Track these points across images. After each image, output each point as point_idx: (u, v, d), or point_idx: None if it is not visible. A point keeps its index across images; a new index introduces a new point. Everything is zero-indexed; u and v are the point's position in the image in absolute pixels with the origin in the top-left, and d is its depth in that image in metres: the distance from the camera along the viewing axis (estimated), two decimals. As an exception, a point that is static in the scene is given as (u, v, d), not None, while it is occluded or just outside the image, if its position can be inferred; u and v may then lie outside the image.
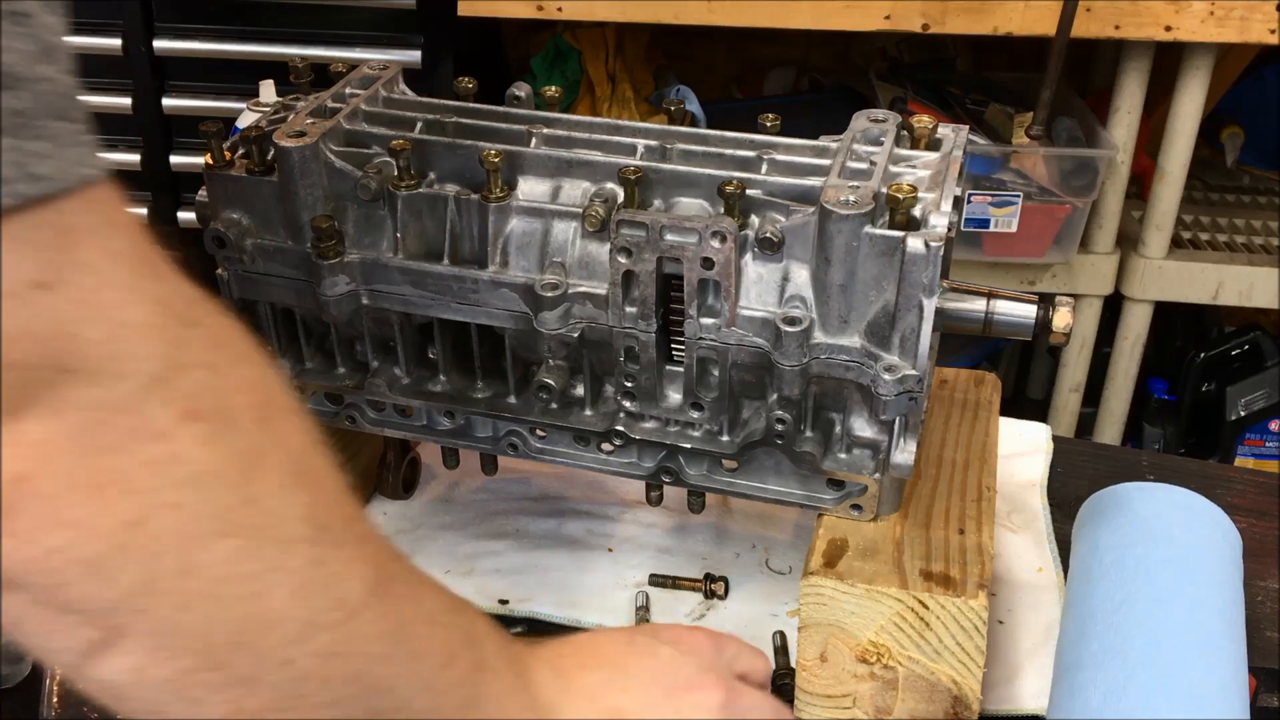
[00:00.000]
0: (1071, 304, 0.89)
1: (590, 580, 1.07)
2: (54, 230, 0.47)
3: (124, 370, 0.49)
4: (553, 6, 2.08)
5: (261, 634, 0.55)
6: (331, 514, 0.59)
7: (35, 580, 0.50)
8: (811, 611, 0.88)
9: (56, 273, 0.47)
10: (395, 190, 0.92)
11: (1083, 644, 0.90)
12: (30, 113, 0.46)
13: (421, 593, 0.65)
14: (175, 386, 0.51)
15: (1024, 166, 2.16)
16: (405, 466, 1.15)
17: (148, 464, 0.50)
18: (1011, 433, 1.25)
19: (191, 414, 0.51)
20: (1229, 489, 1.20)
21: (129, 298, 0.50)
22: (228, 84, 2.15)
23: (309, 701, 0.57)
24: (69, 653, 0.53)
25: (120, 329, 0.49)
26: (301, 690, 0.57)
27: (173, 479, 0.51)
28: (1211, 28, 2.01)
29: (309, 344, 1.02)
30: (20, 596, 0.51)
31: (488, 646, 0.67)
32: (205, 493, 0.52)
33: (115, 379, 0.49)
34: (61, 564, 0.49)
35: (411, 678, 0.62)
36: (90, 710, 0.90)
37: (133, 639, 0.52)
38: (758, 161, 0.92)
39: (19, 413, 0.47)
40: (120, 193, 0.51)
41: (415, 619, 0.63)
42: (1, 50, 0.45)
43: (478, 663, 0.66)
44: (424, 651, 0.63)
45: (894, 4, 2.02)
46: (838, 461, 0.92)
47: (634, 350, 0.91)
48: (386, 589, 0.61)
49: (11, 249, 0.46)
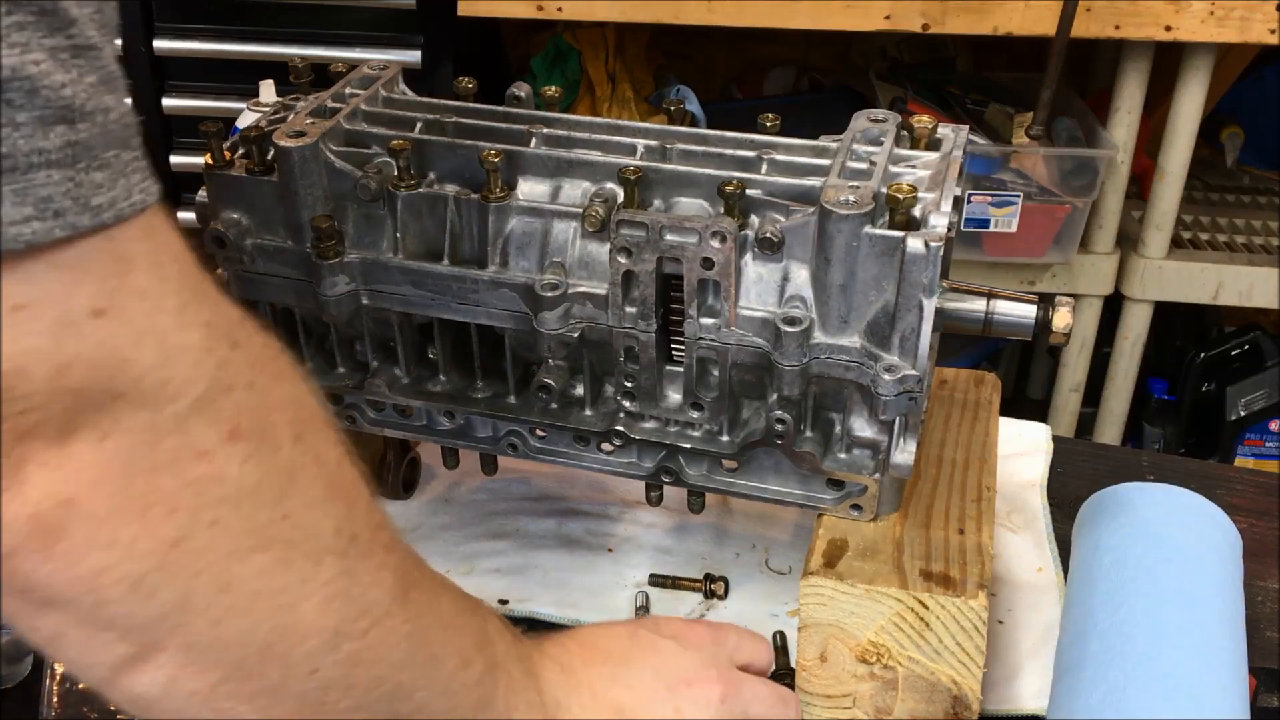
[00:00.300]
0: (1071, 304, 0.89)
1: (590, 580, 1.07)
2: (109, 257, 0.48)
3: (173, 393, 0.50)
4: (553, 6, 2.08)
5: (291, 645, 0.56)
6: (360, 525, 0.60)
7: (78, 599, 0.51)
8: (811, 611, 0.88)
9: (111, 299, 0.48)
10: (395, 190, 0.92)
11: (1083, 644, 0.90)
12: (92, 144, 0.47)
13: (439, 596, 0.66)
14: (219, 407, 0.52)
15: (1024, 166, 2.16)
16: (405, 466, 1.15)
17: (191, 484, 0.51)
18: (1011, 433, 1.25)
19: (234, 434, 0.52)
20: (1229, 489, 1.20)
21: (179, 322, 0.51)
22: (228, 84, 2.15)
23: (332, 708, 0.58)
24: (102, 667, 0.54)
25: (171, 353, 0.50)
26: (325, 698, 0.58)
27: (214, 497, 0.52)
28: (1211, 28, 2.01)
29: (309, 344, 1.02)
30: (60, 615, 0.51)
31: (499, 646, 0.68)
32: (244, 509, 0.53)
33: (165, 402, 0.50)
34: (106, 584, 0.50)
35: (429, 681, 0.63)
36: (90, 710, 0.90)
37: (167, 653, 0.53)
38: (758, 161, 0.92)
39: (69, 436, 0.48)
40: (169, 215, 0.52)
41: (434, 623, 0.64)
42: (71, 85, 0.46)
43: (491, 663, 0.67)
44: (442, 655, 0.64)
45: (894, 4, 2.02)
46: (837, 461, 0.92)
47: (634, 350, 0.91)
48: (407, 595, 0.62)
49: (69, 278, 0.47)
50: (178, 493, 0.51)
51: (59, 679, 0.91)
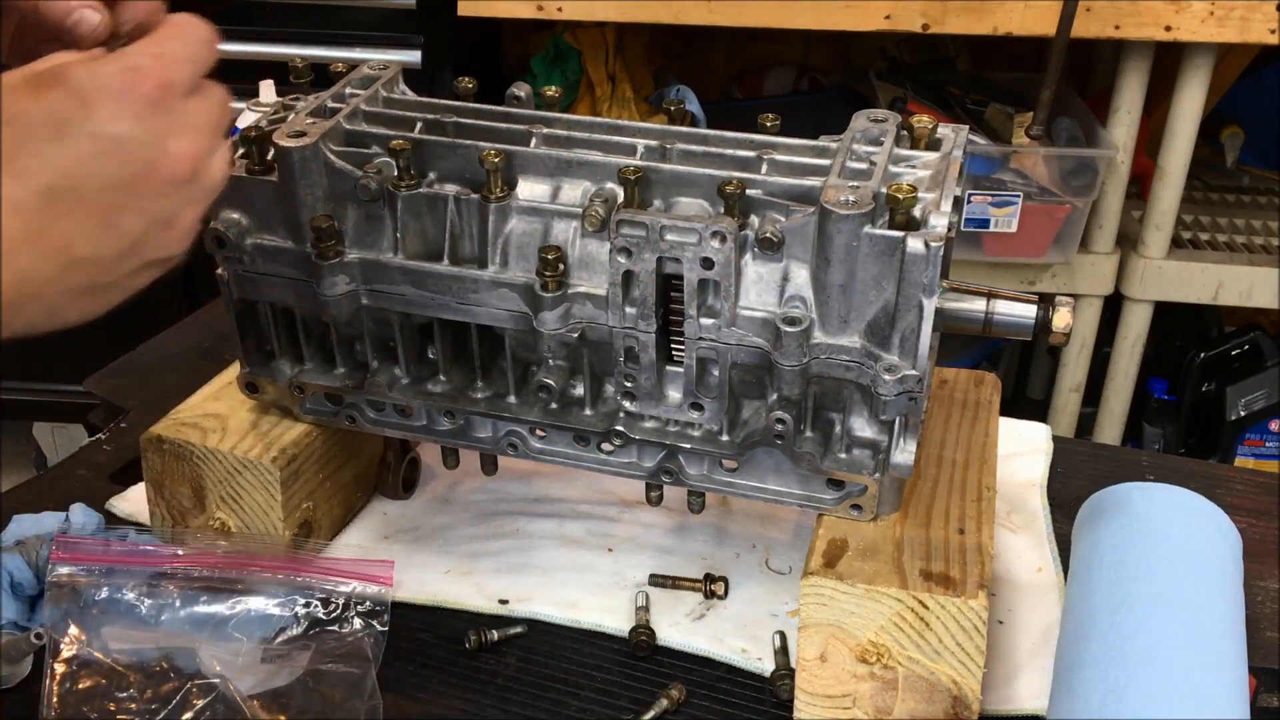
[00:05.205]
0: (1071, 304, 0.89)
1: (590, 580, 1.07)
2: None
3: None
4: (553, 6, 2.08)
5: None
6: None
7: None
8: (811, 611, 0.88)
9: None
10: (395, 190, 0.92)
11: (1083, 644, 0.90)
12: None
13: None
14: None
15: (1024, 166, 2.16)
16: (405, 466, 1.15)
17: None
18: (1011, 433, 1.25)
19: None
20: (1229, 489, 1.20)
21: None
22: (228, 84, 2.14)
23: None
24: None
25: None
26: None
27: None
28: (1211, 28, 2.01)
29: (309, 344, 1.02)
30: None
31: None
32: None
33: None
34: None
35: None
36: (90, 710, 0.90)
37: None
38: (758, 161, 0.92)
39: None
40: None
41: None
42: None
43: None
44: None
45: (894, 4, 2.02)
46: (838, 461, 0.92)
47: (634, 350, 0.91)
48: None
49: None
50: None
51: (59, 679, 0.92)
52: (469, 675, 0.98)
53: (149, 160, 0.66)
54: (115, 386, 1.32)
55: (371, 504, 1.16)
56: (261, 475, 1.01)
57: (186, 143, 0.68)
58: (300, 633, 0.97)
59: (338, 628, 0.98)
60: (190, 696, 0.91)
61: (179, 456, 1.02)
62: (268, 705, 0.92)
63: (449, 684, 0.97)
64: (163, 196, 0.68)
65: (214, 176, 0.71)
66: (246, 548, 1.02)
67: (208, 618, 0.97)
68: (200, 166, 0.69)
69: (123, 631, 0.95)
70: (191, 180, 0.69)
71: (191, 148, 0.68)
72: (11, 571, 0.97)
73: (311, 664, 0.95)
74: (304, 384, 1.02)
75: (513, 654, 1.00)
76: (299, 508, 1.04)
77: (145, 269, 0.69)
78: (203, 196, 0.71)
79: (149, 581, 0.97)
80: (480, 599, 1.04)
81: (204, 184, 0.70)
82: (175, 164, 0.67)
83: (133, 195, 0.66)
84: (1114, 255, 2.30)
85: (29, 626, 0.96)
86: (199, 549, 1.01)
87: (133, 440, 1.13)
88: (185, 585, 0.98)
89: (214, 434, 1.03)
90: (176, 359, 1.37)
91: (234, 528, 1.04)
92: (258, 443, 1.02)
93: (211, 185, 0.71)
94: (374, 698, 0.93)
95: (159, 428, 1.03)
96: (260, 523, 1.03)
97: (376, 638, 0.97)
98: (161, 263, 0.70)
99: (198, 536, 1.04)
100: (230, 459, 1.01)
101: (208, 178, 0.70)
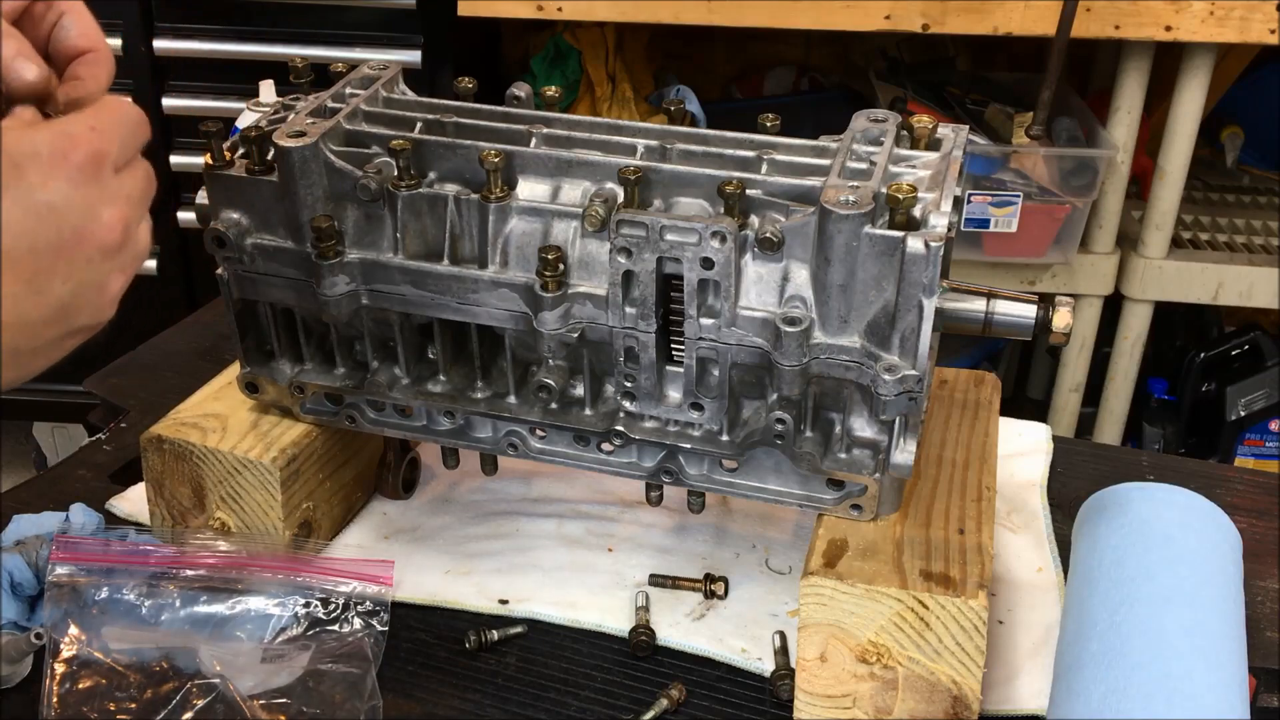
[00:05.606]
0: (1071, 304, 0.89)
1: (590, 580, 1.07)
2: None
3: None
4: (553, 6, 2.08)
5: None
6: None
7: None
8: (811, 611, 0.88)
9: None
10: (395, 190, 0.92)
11: (1083, 644, 0.90)
12: None
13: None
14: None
15: (1024, 166, 2.16)
16: (405, 466, 1.15)
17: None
18: (1011, 433, 1.25)
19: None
20: (1229, 489, 1.20)
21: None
22: (228, 84, 2.15)
23: None
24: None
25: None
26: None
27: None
28: (1211, 28, 2.01)
29: (309, 344, 1.02)
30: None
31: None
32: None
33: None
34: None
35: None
36: (90, 710, 0.90)
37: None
38: (758, 161, 0.92)
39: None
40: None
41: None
42: None
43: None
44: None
45: (894, 4, 2.02)
46: (838, 461, 0.92)
47: (634, 350, 0.91)
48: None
49: None
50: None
51: (59, 679, 0.92)
52: (469, 675, 0.98)
53: (79, 227, 0.66)
54: (115, 386, 1.32)
55: (371, 504, 1.16)
56: (261, 475, 1.01)
57: (117, 211, 0.68)
58: (300, 633, 0.97)
59: (338, 628, 0.98)
60: (190, 696, 0.91)
61: (179, 456, 1.02)
62: (268, 705, 0.92)
63: (449, 684, 0.97)
64: (92, 263, 0.68)
65: (141, 245, 0.71)
66: (246, 548, 1.02)
67: (208, 618, 0.97)
68: (131, 235, 0.69)
69: (123, 631, 0.95)
70: (122, 248, 0.69)
71: (122, 215, 0.68)
72: (11, 571, 0.97)
73: (311, 664, 0.95)
74: (304, 384, 1.02)
75: (513, 654, 1.00)
76: (299, 508, 1.04)
77: (70, 336, 0.69)
78: (131, 264, 0.71)
79: (149, 581, 0.98)
80: (480, 599, 1.04)
81: (132, 251, 0.70)
82: (106, 231, 0.68)
83: (62, 260, 0.66)
84: (1114, 255, 2.30)
85: (29, 626, 0.96)
86: (199, 549, 1.01)
87: (133, 440, 1.13)
88: (185, 585, 0.98)
89: (214, 434, 1.03)
90: (176, 359, 1.37)
91: (234, 528, 1.04)
92: (258, 443, 1.02)
93: (139, 253, 0.71)
94: (374, 698, 0.93)
95: (159, 428, 1.03)
96: (260, 523, 1.03)
97: (376, 638, 0.97)
98: (87, 329, 0.70)
99: (198, 536, 1.04)
100: (230, 459, 1.01)
101: (136, 245, 0.71)
